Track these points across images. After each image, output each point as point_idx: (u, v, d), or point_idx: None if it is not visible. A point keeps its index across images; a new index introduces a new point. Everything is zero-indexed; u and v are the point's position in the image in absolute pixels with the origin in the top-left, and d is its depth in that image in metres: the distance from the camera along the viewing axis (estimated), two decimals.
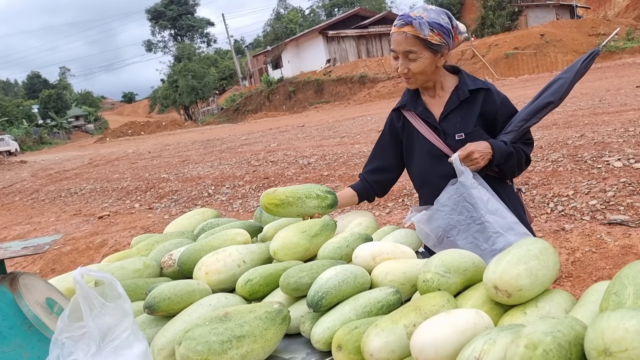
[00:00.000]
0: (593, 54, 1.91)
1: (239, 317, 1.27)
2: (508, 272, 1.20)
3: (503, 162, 1.91)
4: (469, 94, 1.99)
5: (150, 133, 37.53)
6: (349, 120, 16.68)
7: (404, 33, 1.86)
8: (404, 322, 1.17)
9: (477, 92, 2.00)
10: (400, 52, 1.91)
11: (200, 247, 1.78)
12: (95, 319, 1.23)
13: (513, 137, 1.95)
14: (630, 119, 7.20)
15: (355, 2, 62.55)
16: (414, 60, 1.89)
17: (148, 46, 68.47)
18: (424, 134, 2.04)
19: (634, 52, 26.60)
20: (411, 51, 1.88)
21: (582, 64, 1.90)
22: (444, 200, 1.88)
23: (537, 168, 5.52)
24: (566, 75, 1.91)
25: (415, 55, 1.88)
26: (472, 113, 1.99)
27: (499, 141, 1.92)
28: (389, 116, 2.23)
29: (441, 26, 1.85)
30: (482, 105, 1.99)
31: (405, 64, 1.92)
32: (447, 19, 1.89)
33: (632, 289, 1.04)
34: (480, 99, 2.00)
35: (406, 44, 1.87)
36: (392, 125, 2.19)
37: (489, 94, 2.00)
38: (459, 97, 1.99)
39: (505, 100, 2.03)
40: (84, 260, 5.97)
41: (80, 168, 15.83)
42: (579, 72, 1.91)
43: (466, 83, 2.02)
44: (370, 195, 2.24)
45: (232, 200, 7.42)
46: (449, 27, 1.89)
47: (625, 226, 3.78)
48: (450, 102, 2.01)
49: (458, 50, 31.22)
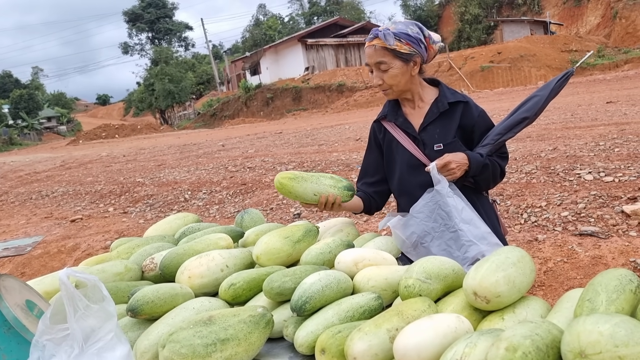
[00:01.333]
0: (567, 74, 1.99)
1: (223, 320, 1.28)
2: (487, 279, 1.24)
3: (479, 173, 1.97)
4: (449, 106, 2.05)
5: (125, 136, 36.99)
6: (326, 128, 16.74)
7: (374, 46, 1.96)
8: (386, 326, 1.19)
9: (456, 105, 2.06)
10: (372, 64, 2.00)
11: (182, 251, 1.78)
12: (79, 321, 1.23)
13: (489, 150, 2.00)
14: (600, 134, 7.42)
15: (334, 11, 62.99)
16: (386, 70, 1.97)
17: (124, 48, 67.59)
18: (404, 144, 2.09)
19: (604, 69, 27.40)
20: (382, 62, 1.96)
21: (557, 83, 1.97)
22: (419, 207, 1.93)
23: (512, 179, 5.64)
24: (541, 93, 1.99)
25: (387, 65, 1.96)
26: (451, 125, 2.05)
27: (475, 153, 1.98)
28: (371, 128, 2.28)
29: (408, 35, 1.92)
30: (460, 117, 2.05)
31: (379, 76, 2.00)
32: (416, 29, 1.96)
33: (604, 295, 1.08)
34: (459, 112, 2.06)
35: (376, 56, 1.96)
36: (375, 137, 2.24)
37: (467, 107, 2.06)
38: (438, 108, 2.05)
39: (482, 113, 2.10)
40: (56, 264, 5.85)
41: (52, 170, 15.51)
42: (554, 91, 1.98)
43: (446, 95, 2.08)
44: (372, 205, 2.25)
45: (209, 206, 7.37)
46: (419, 37, 1.95)
47: (595, 237, 3.89)
48: (430, 114, 2.06)
49: (435, 62, 31.66)
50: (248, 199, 7.26)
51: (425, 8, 55.77)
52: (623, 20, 36.02)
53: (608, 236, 3.88)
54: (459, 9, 46.90)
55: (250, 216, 2.30)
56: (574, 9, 43.77)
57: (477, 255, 1.76)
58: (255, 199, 7.19)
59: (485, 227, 1.87)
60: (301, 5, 70.79)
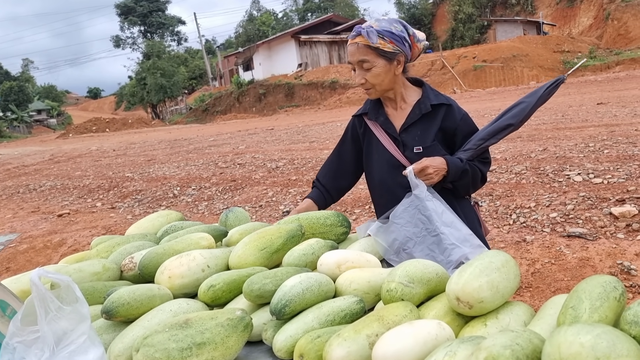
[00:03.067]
0: (558, 82, 1.96)
1: (200, 323, 1.25)
2: (470, 284, 1.22)
3: (457, 179, 1.94)
4: (431, 108, 2.02)
5: (116, 130, 36.74)
6: (318, 125, 16.71)
7: (356, 43, 1.91)
8: (366, 332, 1.16)
9: (439, 107, 2.03)
10: (355, 62, 1.96)
11: (162, 250, 1.74)
12: (51, 323, 1.19)
13: (470, 155, 1.98)
14: (590, 135, 7.44)
15: (328, 8, 62.82)
16: (369, 69, 1.93)
17: (116, 42, 66.99)
18: (384, 144, 2.06)
19: (595, 70, 27.55)
20: (364, 60, 1.92)
21: (546, 90, 1.94)
22: (399, 212, 1.89)
23: (501, 180, 5.64)
24: (529, 100, 1.95)
25: (369, 64, 1.92)
26: (432, 127, 2.02)
27: (455, 158, 1.95)
28: (350, 122, 2.25)
29: (392, 33, 1.89)
30: (442, 120, 2.02)
31: (361, 74, 1.97)
32: (400, 27, 1.92)
33: (588, 303, 1.06)
34: (441, 114, 2.03)
35: (359, 54, 1.92)
36: (354, 130, 2.21)
37: (450, 110, 2.03)
38: (420, 110, 2.02)
39: (465, 116, 2.06)
40: (41, 259, 5.79)
41: (41, 164, 15.37)
42: (542, 98, 1.95)
43: (429, 97, 2.05)
44: (327, 202, 2.25)
45: (197, 202, 7.32)
46: (403, 35, 1.92)
47: (583, 239, 3.90)
48: (411, 115, 2.04)
49: (428, 61, 31.74)
50: (237, 196, 7.21)
51: (419, 6, 55.66)
52: (615, 21, 36.25)
53: (596, 238, 3.88)
54: (453, 8, 46.90)
55: (235, 215, 2.26)
56: (566, 9, 43.98)
57: (461, 258, 1.74)
58: (244, 195, 7.15)
59: (467, 229, 1.84)
60: (295, 2, 70.54)
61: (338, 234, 1.94)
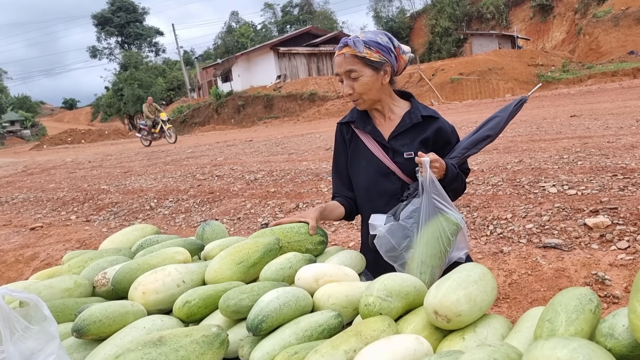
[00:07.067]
0: (521, 102, 2.05)
1: (174, 341, 1.22)
2: (448, 298, 1.22)
3: (452, 181, 1.98)
4: (422, 119, 2.06)
5: (92, 142, 36.21)
6: (297, 137, 16.71)
7: (343, 54, 1.94)
8: (344, 347, 1.15)
9: (429, 119, 2.08)
10: (342, 73, 1.97)
11: (136, 265, 1.70)
12: (17, 343, 1.15)
13: (456, 162, 2.03)
14: (564, 147, 7.58)
15: (307, 20, 63.27)
16: (357, 79, 1.95)
17: (93, 52, 66.24)
18: (372, 150, 2.08)
19: (568, 83, 28.20)
20: (352, 70, 1.94)
21: (514, 108, 2.03)
22: (409, 212, 1.89)
23: (479, 191, 5.69)
24: (502, 115, 2.03)
25: (357, 73, 1.94)
26: (420, 137, 2.06)
27: (449, 161, 2.00)
28: (337, 131, 2.25)
29: (378, 44, 1.93)
30: (434, 133, 2.07)
31: (349, 84, 1.98)
32: (386, 39, 1.97)
33: (564, 316, 1.07)
34: (430, 127, 2.08)
35: (346, 64, 1.94)
36: (342, 137, 2.22)
37: (440, 124, 2.09)
38: (411, 119, 2.06)
39: (453, 128, 2.15)
40: (12, 274, 5.64)
41: (13, 176, 15.03)
42: (511, 114, 2.03)
43: (418, 108, 2.10)
44: (352, 208, 2.21)
45: (174, 215, 7.23)
46: (389, 46, 1.96)
47: (559, 250, 3.94)
48: (402, 124, 2.07)
49: (406, 73, 32.05)
50: (215, 208, 7.15)
51: (397, 20, 56.51)
52: (587, 36, 37.23)
53: (571, 249, 3.93)
54: (430, 22, 47.70)
55: (211, 228, 2.23)
56: (540, 24, 45.08)
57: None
58: (222, 207, 7.08)
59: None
60: (274, 14, 70.94)
61: (315, 242, 1.92)
